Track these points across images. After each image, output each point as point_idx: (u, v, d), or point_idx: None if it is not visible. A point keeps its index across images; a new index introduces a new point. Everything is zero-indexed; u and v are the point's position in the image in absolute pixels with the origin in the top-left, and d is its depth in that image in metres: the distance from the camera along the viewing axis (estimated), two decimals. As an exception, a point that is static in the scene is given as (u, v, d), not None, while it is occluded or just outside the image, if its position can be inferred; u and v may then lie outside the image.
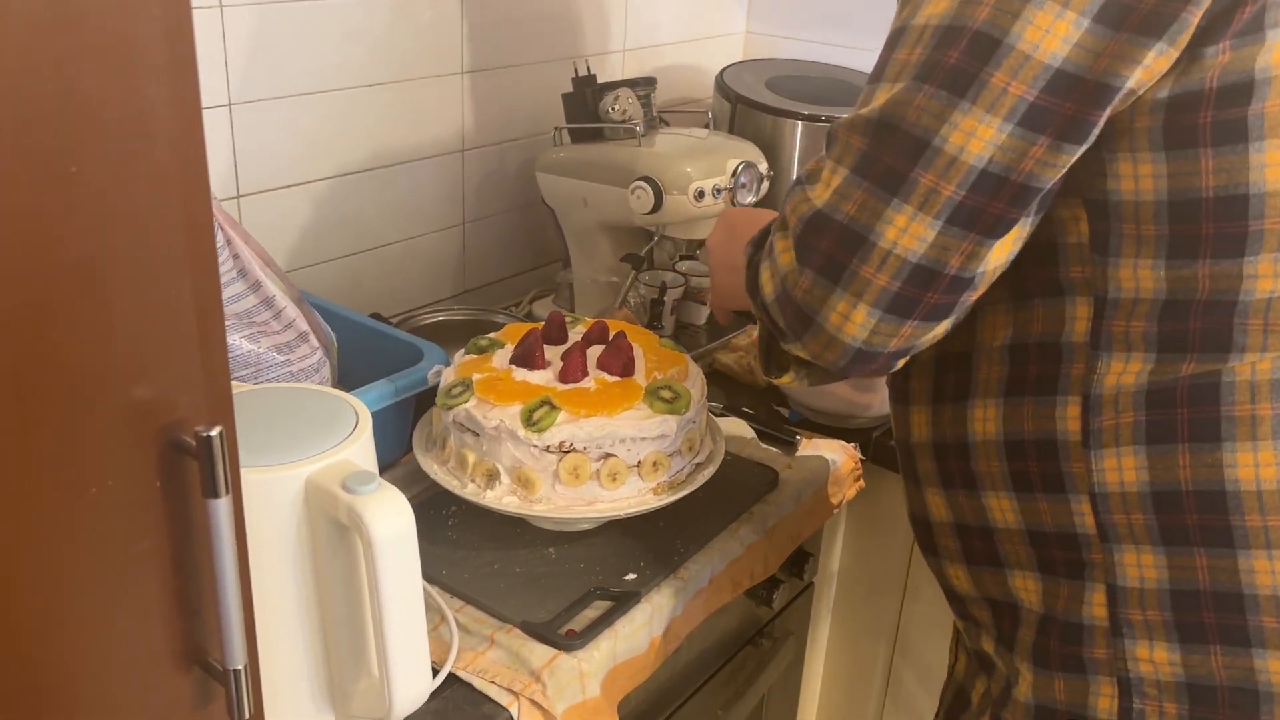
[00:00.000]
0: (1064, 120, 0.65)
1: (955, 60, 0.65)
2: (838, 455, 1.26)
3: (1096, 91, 0.64)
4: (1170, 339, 0.70)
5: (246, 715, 0.56)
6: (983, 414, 0.77)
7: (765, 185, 1.44)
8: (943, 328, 0.72)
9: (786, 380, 0.85)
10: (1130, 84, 0.64)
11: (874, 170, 0.68)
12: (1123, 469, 0.71)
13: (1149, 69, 0.64)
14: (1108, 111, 0.65)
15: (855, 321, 0.70)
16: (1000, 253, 0.69)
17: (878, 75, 0.71)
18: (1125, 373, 0.71)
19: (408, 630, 0.71)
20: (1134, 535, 0.72)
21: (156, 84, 0.47)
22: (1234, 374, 0.68)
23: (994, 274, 0.71)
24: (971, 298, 0.71)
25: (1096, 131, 0.66)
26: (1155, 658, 0.72)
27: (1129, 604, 0.72)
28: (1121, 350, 0.71)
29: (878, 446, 1.31)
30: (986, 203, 0.66)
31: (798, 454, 1.25)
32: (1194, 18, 0.63)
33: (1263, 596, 0.69)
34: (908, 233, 0.67)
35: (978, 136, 0.65)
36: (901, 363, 0.75)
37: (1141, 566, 0.72)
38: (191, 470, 0.52)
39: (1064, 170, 0.67)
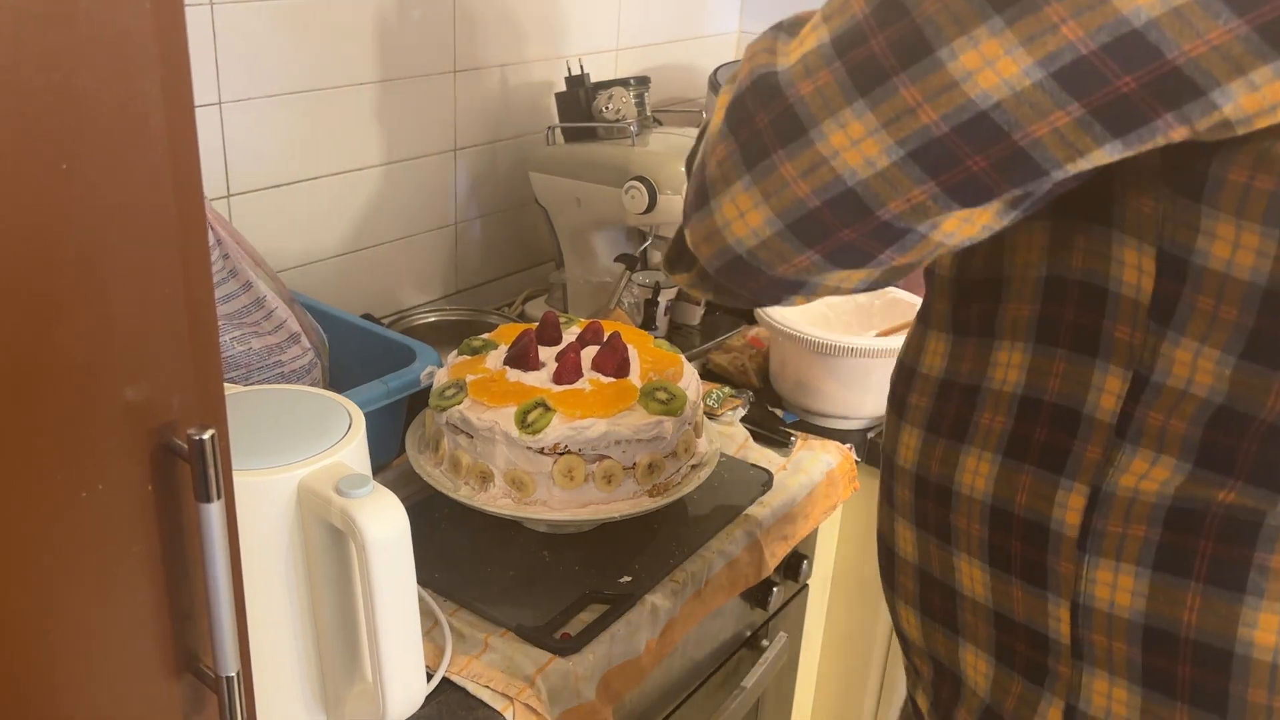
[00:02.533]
0: (1116, 97, 0.49)
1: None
2: (833, 456, 1.25)
3: (1175, 79, 0.48)
4: (1215, 454, 0.56)
5: (239, 722, 0.55)
6: (975, 465, 0.65)
7: (759, 185, 1.44)
8: (845, 278, 0.58)
9: (683, 280, 0.70)
10: (1228, 100, 0.48)
11: (851, 54, 0.53)
12: (1118, 586, 0.59)
13: (1257, 89, 0.48)
14: (1177, 118, 0.49)
15: (748, 223, 0.57)
16: (954, 228, 0.55)
17: None
18: (1148, 477, 0.58)
19: (402, 635, 0.71)
20: (1111, 664, 0.60)
21: (149, 79, 0.46)
22: None
23: (933, 252, 0.57)
24: (897, 261, 0.57)
25: (1156, 138, 0.51)
26: None
27: None
28: (1151, 449, 0.58)
29: (873, 448, 1.30)
30: (970, 153, 0.52)
31: (793, 455, 1.24)
32: None
33: None
34: (856, 148, 0.53)
35: (996, 68, 0.49)
36: (794, 300, 0.62)
37: (1112, 700, 0.61)
38: (184, 473, 0.51)
39: (1085, 168, 0.52)
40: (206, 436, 0.49)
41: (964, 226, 0.55)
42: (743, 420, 1.30)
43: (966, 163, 0.52)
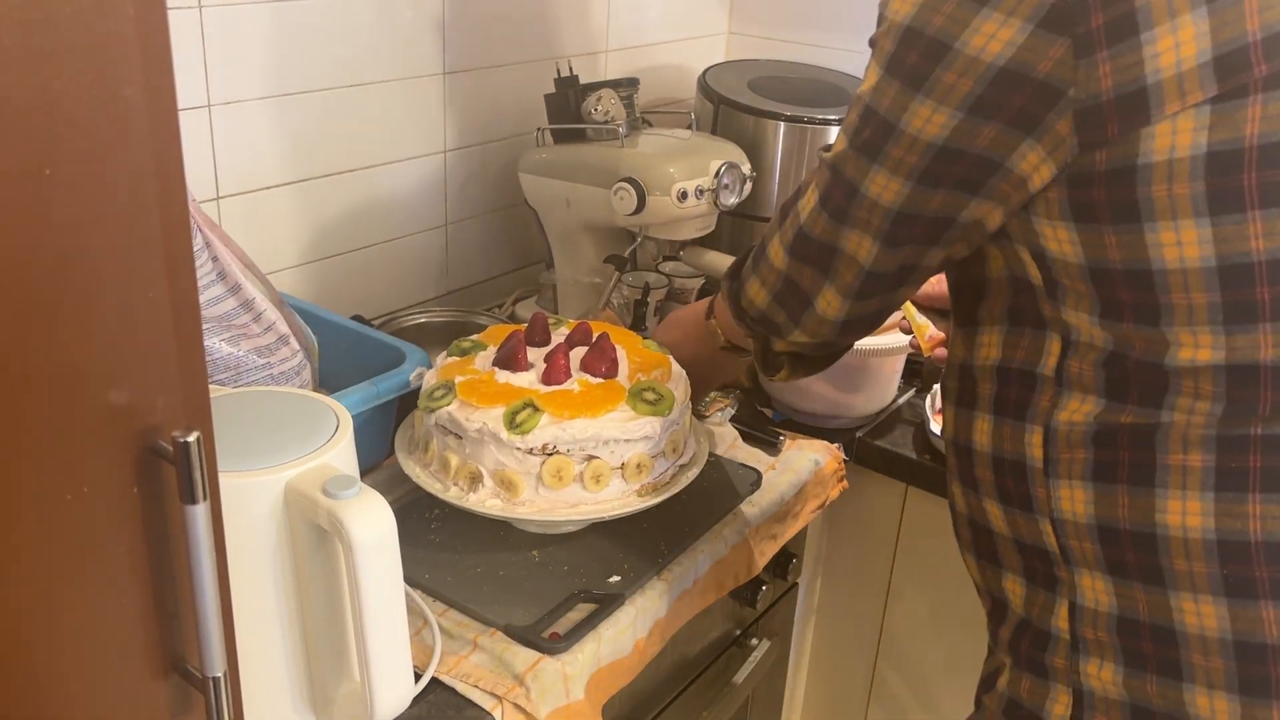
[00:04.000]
0: (1011, 112, 0.70)
1: (914, 60, 0.70)
2: (821, 456, 1.26)
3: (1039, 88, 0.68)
4: (1114, 386, 0.73)
5: (226, 723, 0.56)
6: (980, 426, 0.81)
7: (748, 186, 1.44)
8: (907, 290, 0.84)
9: (783, 377, 0.97)
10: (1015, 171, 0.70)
11: (831, 198, 0.79)
12: (1074, 499, 0.75)
13: (1028, 160, 0.69)
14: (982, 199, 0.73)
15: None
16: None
17: (870, 65, 0.77)
18: (1079, 411, 0.74)
19: (390, 636, 0.71)
20: (1087, 561, 0.76)
21: (132, 84, 0.46)
22: (1169, 427, 0.71)
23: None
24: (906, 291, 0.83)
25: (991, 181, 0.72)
26: (1104, 676, 0.76)
27: (1084, 622, 0.76)
28: (1079, 390, 0.74)
29: (861, 447, 1.31)
30: (965, 170, 0.73)
31: (781, 454, 1.25)
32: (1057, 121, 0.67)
33: (1191, 635, 0.72)
34: (888, 189, 0.75)
35: (932, 123, 0.71)
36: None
37: (1095, 590, 0.76)
38: (169, 476, 0.51)
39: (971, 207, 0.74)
40: (191, 439, 0.50)
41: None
42: (731, 420, 1.30)
43: (947, 174, 0.74)
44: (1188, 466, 0.71)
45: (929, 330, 1.20)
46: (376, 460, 1.15)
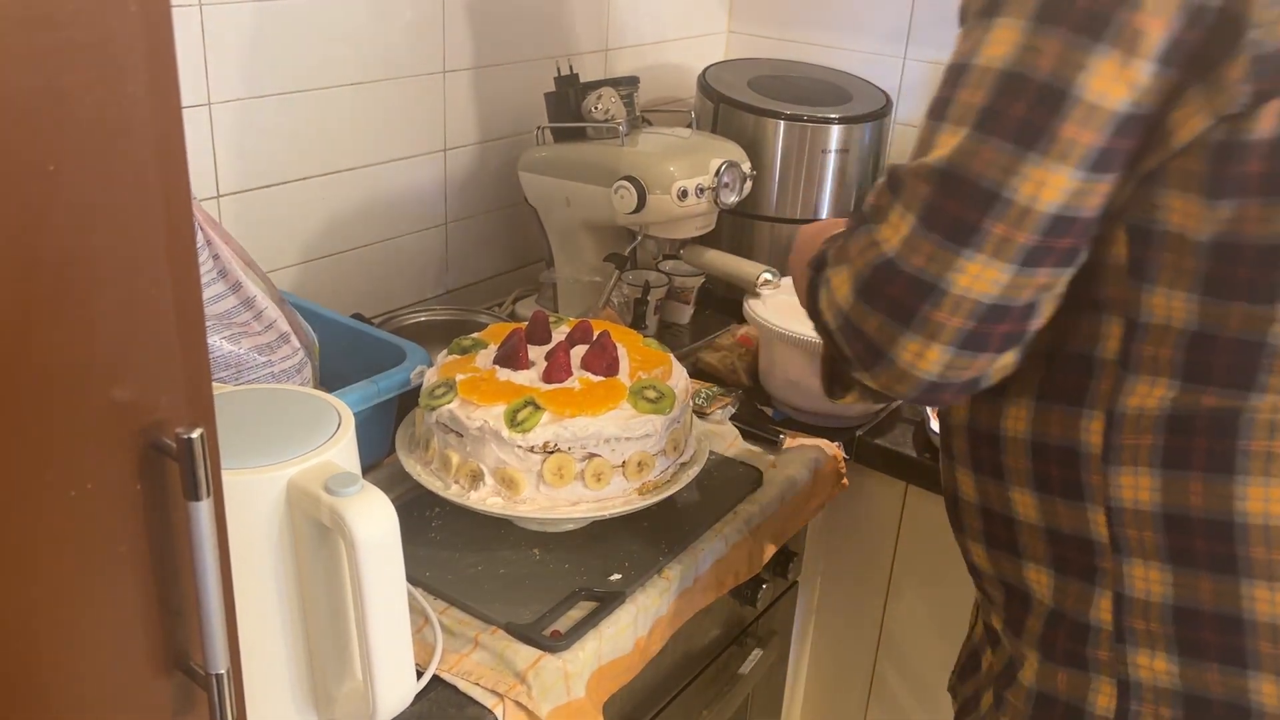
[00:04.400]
0: (1128, 157, 0.67)
1: (1022, 113, 0.66)
2: (822, 454, 1.26)
3: (1156, 131, 0.66)
4: (1196, 369, 0.71)
5: (229, 720, 0.56)
6: (1015, 412, 0.79)
7: (748, 185, 1.44)
8: (1015, 354, 0.73)
9: (850, 400, 0.88)
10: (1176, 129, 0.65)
11: (942, 221, 0.68)
12: (1138, 487, 0.73)
13: (1185, 111, 0.65)
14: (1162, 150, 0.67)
15: (929, 359, 0.71)
16: (1062, 281, 0.72)
17: (940, 112, 0.70)
18: (1149, 396, 0.72)
19: (391, 633, 0.71)
20: (1144, 550, 0.74)
21: (135, 81, 0.46)
22: (1255, 411, 0.70)
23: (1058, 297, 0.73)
24: (1034, 325, 0.73)
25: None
26: (1155, 666, 0.75)
27: (1133, 613, 0.75)
28: (1149, 374, 0.72)
29: (861, 445, 1.31)
30: (1058, 241, 0.68)
31: (782, 453, 1.25)
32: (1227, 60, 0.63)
33: (1261, 623, 0.71)
34: (981, 279, 0.68)
35: (1050, 185, 0.66)
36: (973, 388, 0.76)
37: (1149, 580, 0.74)
38: (172, 472, 0.51)
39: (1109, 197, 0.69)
40: (195, 435, 0.50)
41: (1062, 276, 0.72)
42: (732, 419, 1.30)
43: (1059, 246, 0.68)
44: (1272, 453, 0.70)
45: None
46: (377, 459, 1.15)
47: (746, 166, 1.43)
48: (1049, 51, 0.65)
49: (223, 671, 0.55)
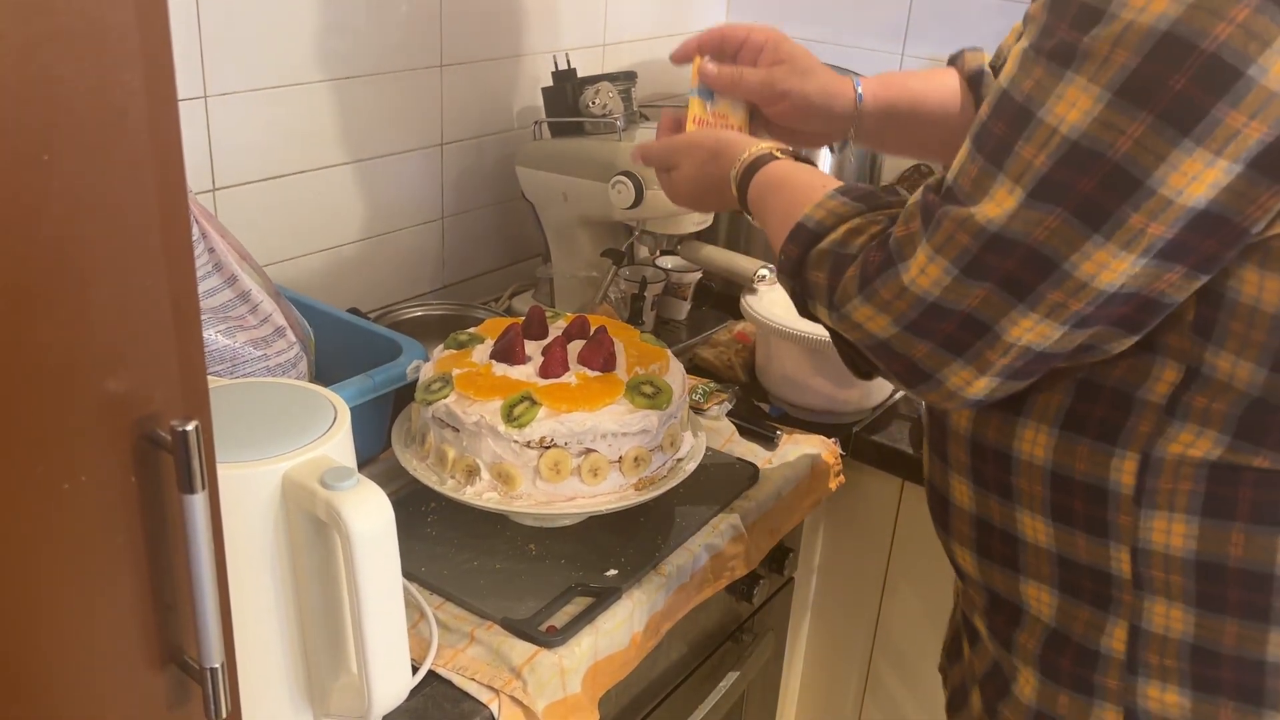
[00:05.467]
0: (1201, 257, 0.63)
1: (1091, 190, 0.62)
2: (818, 450, 1.26)
3: (1237, 234, 0.62)
4: (1251, 430, 0.68)
5: (224, 714, 0.55)
6: (1033, 436, 0.75)
7: (746, 180, 1.44)
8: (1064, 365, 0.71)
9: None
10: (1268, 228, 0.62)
11: (990, 274, 0.65)
12: (1171, 532, 0.71)
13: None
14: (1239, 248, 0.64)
15: (978, 386, 0.69)
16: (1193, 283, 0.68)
17: (995, 157, 0.65)
18: (1194, 446, 0.69)
19: (387, 627, 0.71)
20: (1169, 591, 0.72)
21: (131, 70, 0.46)
22: None
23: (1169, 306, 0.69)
24: (1151, 321, 0.69)
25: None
26: (1165, 699, 0.73)
27: (1149, 648, 0.73)
28: (1197, 424, 0.69)
29: (858, 442, 1.31)
30: (1113, 310, 0.65)
31: (778, 449, 1.25)
32: None
33: None
34: (1032, 332, 0.66)
35: (1201, 179, 0.60)
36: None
37: (1169, 619, 0.72)
38: (167, 465, 0.51)
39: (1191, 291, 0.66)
40: (190, 428, 0.49)
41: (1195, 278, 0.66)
42: (729, 415, 1.30)
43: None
44: None
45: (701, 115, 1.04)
46: (372, 453, 1.14)
47: (744, 162, 1.43)
48: (1130, 132, 0.60)
49: (217, 665, 0.54)
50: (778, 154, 0.90)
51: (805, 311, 0.81)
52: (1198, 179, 0.60)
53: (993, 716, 0.83)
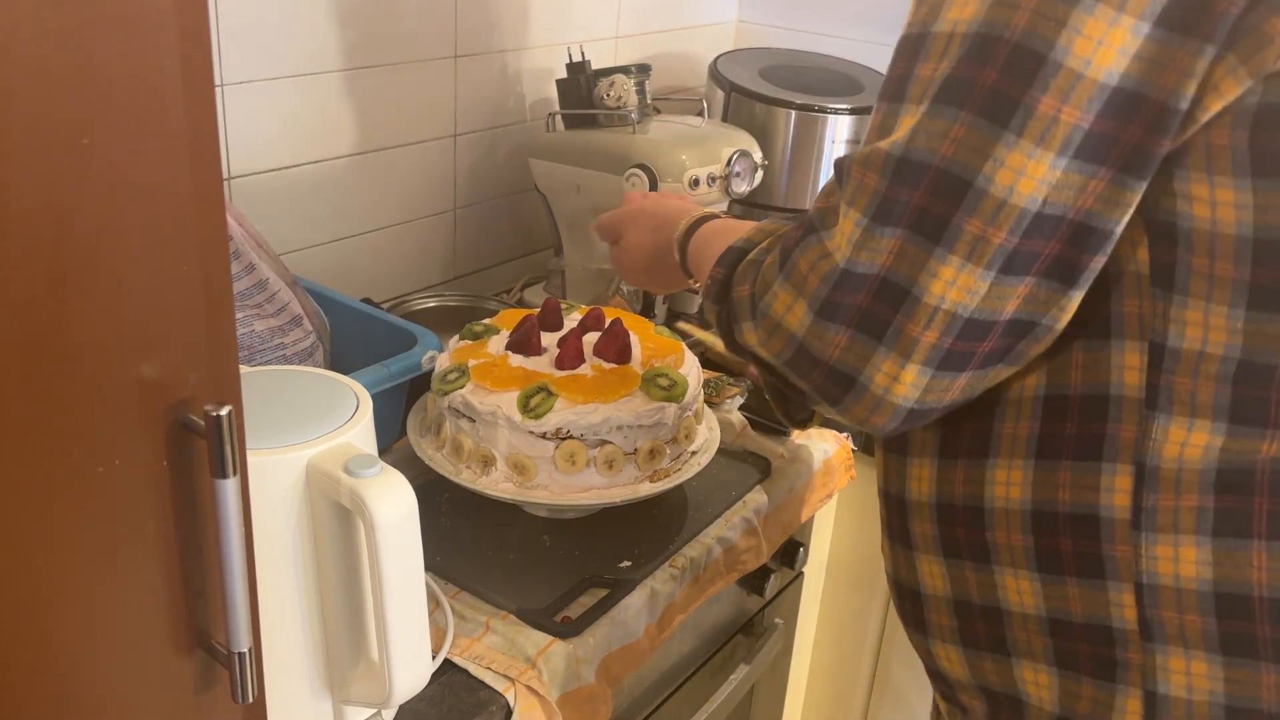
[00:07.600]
0: (1126, 149, 0.55)
1: (994, 81, 0.55)
2: (830, 445, 1.26)
3: (1162, 115, 0.54)
4: (1247, 409, 0.58)
5: (250, 698, 0.56)
6: (1006, 477, 0.65)
7: (759, 175, 1.44)
8: (1005, 367, 0.62)
9: (817, 423, 0.79)
10: (1196, 105, 0.54)
11: (901, 216, 0.58)
12: (1180, 560, 0.60)
13: (1217, 87, 0.54)
14: (1173, 139, 0.55)
15: (905, 381, 0.60)
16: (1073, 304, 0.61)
17: (896, 93, 0.60)
18: (1189, 444, 0.59)
19: (409, 615, 0.71)
20: (1185, 638, 0.60)
21: (169, 55, 0.46)
22: None
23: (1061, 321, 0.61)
24: (1034, 350, 0.61)
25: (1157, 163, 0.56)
26: None
27: (1172, 718, 0.62)
28: (1184, 414, 0.59)
29: (869, 437, 1.31)
30: (1043, 247, 0.57)
31: (791, 443, 1.25)
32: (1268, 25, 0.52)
33: None
34: (956, 285, 0.58)
35: (1028, 174, 0.55)
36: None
37: (1191, 675, 0.60)
38: (199, 450, 0.51)
39: (1132, 209, 0.57)
40: (224, 413, 0.49)
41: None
42: (741, 408, 1.30)
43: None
44: None
45: None
46: (387, 443, 1.14)
47: (758, 156, 1.43)
48: (1025, 5, 0.54)
49: (245, 650, 0.54)
50: (720, 215, 0.90)
51: (732, 342, 0.74)
52: (1104, 43, 0.53)
53: None
